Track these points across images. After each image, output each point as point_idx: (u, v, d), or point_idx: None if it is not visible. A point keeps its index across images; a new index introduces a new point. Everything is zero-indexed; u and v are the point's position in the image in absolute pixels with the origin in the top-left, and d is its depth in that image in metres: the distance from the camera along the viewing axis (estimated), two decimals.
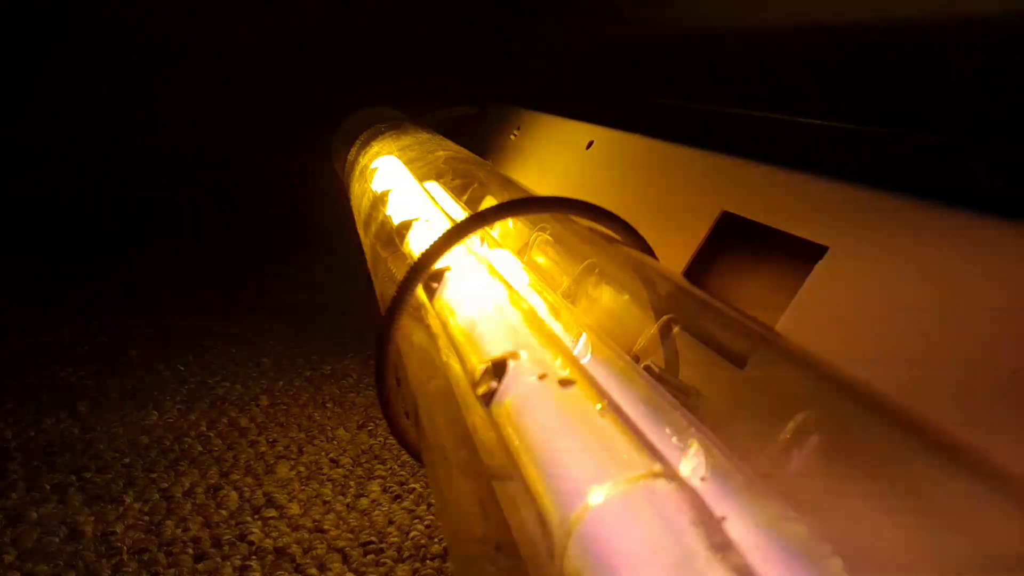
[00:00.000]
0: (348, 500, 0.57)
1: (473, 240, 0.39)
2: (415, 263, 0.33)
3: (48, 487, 0.58)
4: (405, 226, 0.47)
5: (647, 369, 0.29)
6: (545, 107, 0.98)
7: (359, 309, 0.87)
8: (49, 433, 0.66)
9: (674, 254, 0.52)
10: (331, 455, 0.63)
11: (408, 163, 0.65)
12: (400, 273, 0.34)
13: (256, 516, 0.55)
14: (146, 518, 0.54)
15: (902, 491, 0.18)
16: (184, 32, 1.20)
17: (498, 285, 0.34)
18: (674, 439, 0.21)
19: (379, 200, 0.58)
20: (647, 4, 0.76)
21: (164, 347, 0.86)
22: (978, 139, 0.38)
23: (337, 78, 1.25)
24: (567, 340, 0.29)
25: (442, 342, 0.33)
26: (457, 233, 0.34)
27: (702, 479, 0.20)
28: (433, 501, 0.56)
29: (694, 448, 0.21)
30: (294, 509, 0.56)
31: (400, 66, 1.24)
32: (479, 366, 0.27)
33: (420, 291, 0.36)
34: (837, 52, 0.50)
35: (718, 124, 0.63)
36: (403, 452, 0.60)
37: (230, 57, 1.22)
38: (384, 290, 0.45)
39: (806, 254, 0.41)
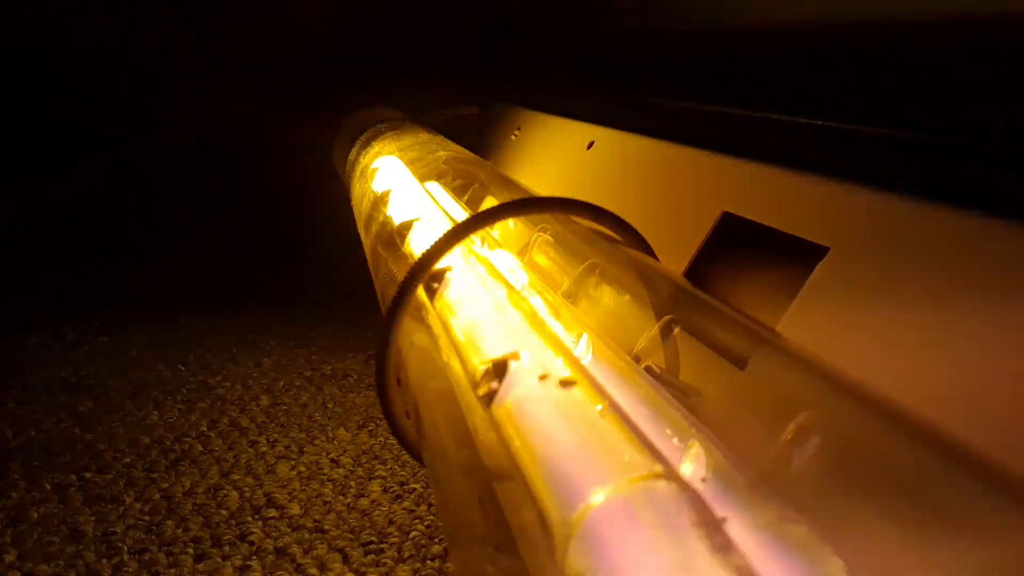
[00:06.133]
0: (348, 500, 0.57)
1: (474, 240, 0.39)
2: (416, 263, 0.33)
3: (48, 487, 0.58)
4: (406, 226, 0.47)
5: (648, 370, 0.29)
6: (545, 107, 0.98)
7: (360, 309, 0.87)
8: (49, 433, 0.66)
9: (675, 254, 0.52)
10: (332, 455, 0.63)
11: (409, 163, 0.65)
12: (401, 273, 0.34)
13: (257, 516, 0.55)
14: (147, 518, 0.54)
15: (903, 492, 0.18)
16: (185, 32, 1.20)
17: (499, 285, 0.34)
18: (675, 440, 0.21)
19: (380, 200, 0.58)
20: (647, 4, 0.76)
21: (164, 347, 0.86)
22: (979, 139, 0.38)
23: (337, 78, 1.25)
24: (568, 340, 0.29)
25: (443, 342, 0.33)
26: (458, 233, 0.34)
27: (703, 480, 0.20)
28: (433, 501, 0.56)
29: (695, 449, 0.21)
30: (295, 509, 0.56)
31: (400, 66, 1.24)
32: (480, 366, 0.27)
33: (421, 291, 0.36)
34: (837, 52, 0.50)
35: (718, 124, 0.63)
36: (404, 452, 0.60)
37: (231, 57, 1.22)
38: (385, 290, 0.45)
39: (807, 255, 0.41)
